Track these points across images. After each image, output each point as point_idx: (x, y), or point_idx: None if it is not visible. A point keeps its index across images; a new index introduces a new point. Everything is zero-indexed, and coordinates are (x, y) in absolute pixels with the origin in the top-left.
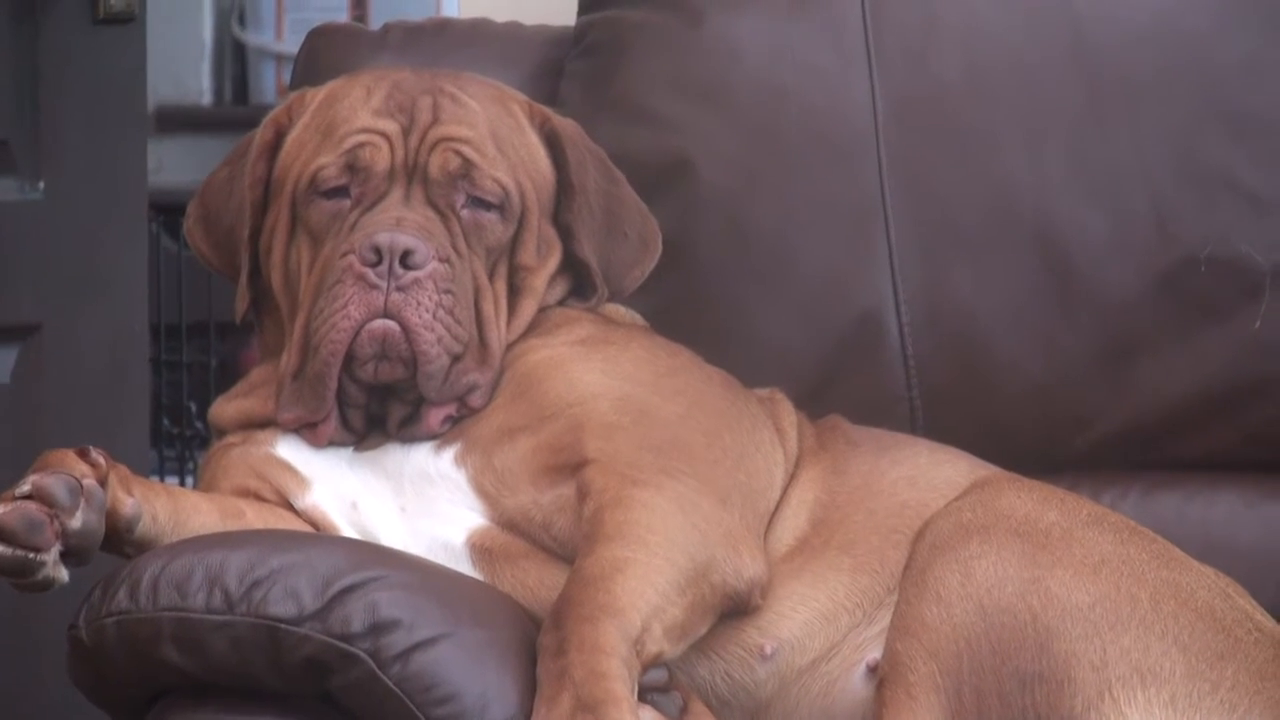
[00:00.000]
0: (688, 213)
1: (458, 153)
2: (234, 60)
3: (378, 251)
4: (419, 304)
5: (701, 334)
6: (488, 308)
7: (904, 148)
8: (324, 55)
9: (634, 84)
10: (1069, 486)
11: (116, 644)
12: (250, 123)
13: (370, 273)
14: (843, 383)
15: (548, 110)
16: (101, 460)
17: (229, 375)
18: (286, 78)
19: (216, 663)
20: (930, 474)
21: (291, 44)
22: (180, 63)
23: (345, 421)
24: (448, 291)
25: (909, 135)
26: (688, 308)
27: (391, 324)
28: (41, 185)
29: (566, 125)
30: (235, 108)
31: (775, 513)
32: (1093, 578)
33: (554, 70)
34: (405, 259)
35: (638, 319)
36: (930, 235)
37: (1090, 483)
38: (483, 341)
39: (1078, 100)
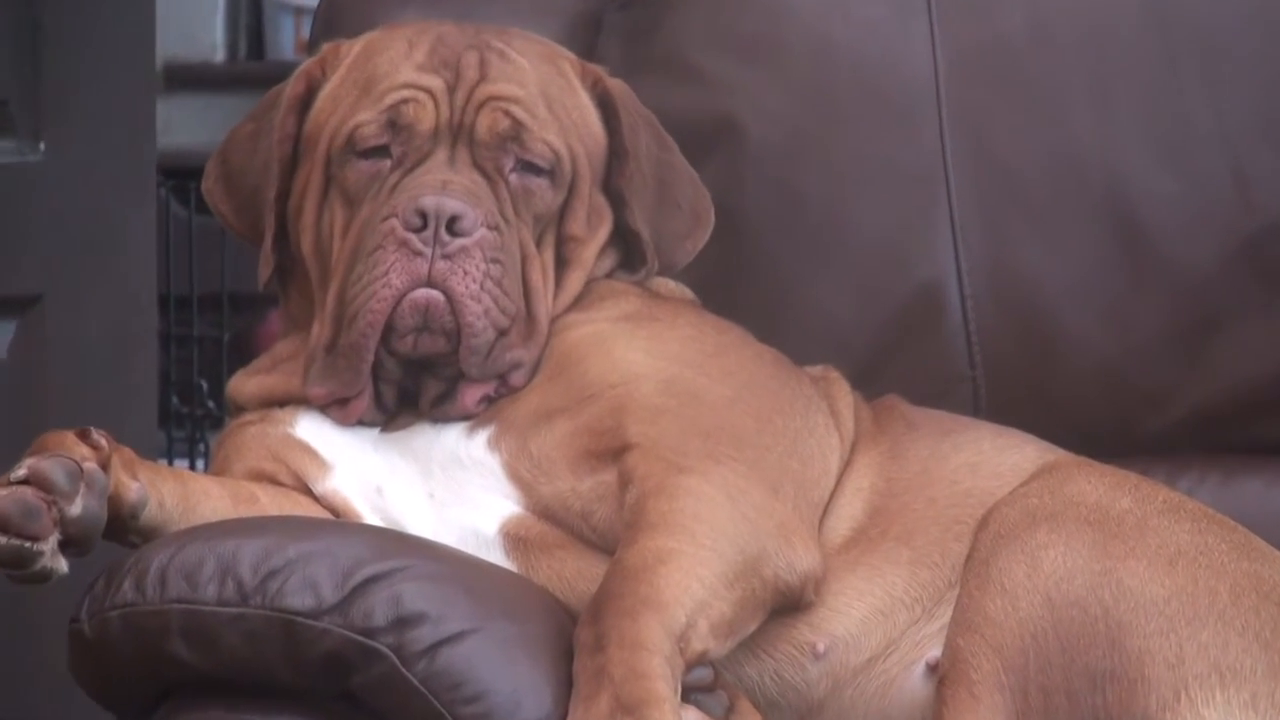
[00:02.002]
0: (734, 177)
1: (507, 113)
2: (249, 13)
3: (423, 216)
4: (466, 273)
5: (750, 308)
6: (536, 279)
7: (966, 104)
8: (346, 9)
9: (677, 38)
10: (1142, 471)
11: (121, 638)
12: (266, 80)
13: (414, 238)
14: (901, 360)
15: (600, 70)
16: (104, 442)
17: (243, 350)
18: (306, 32)
19: (229, 658)
20: (994, 459)
21: None
22: (191, 16)
23: (378, 398)
24: (496, 261)
25: (971, 91)
26: (734, 280)
27: (436, 294)
28: (42, 146)
29: (618, 87)
30: (250, 64)
31: (830, 500)
32: (1168, 569)
33: (591, 24)
34: (452, 225)
35: (687, 293)
36: (994, 200)
37: (1165, 467)
38: (530, 315)
39: (1152, 53)
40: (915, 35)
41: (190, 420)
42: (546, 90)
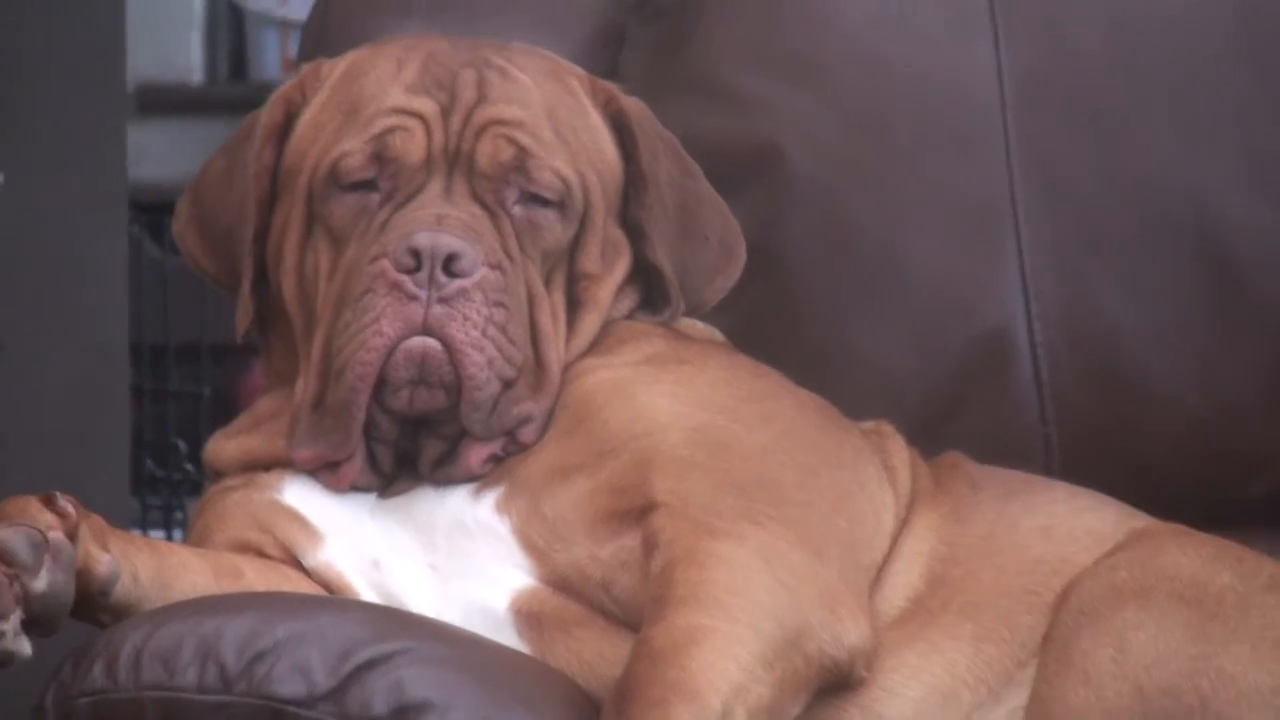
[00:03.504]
0: (774, 210)
1: (509, 139)
2: (230, 30)
3: (416, 255)
4: (466, 318)
5: (793, 355)
6: (545, 322)
7: (1035, 130)
8: (338, 23)
9: (709, 54)
10: (1242, 542)
11: None
12: (249, 103)
13: (407, 280)
14: (964, 414)
15: (613, 88)
16: (71, 510)
17: (225, 407)
18: (293, 50)
19: None
20: (1070, 523)
21: (299, 9)
22: (166, 32)
23: (372, 461)
24: (499, 304)
25: (1041, 115)
26: (774, 325)
27: (432, 342)
28: (0, 178)
29: (634, 106)
30: (232, 86)
31: (883, 567)
32: (1274, 654)
33: (613, 38)
34: (449, 265)
35: (716, 335)
36: (1067, 236)
37: (1267, 538)
38: (539, 363)
39: (1244, 75)
40: (979, 53)
41: (166, 485)
42: (553, 111)
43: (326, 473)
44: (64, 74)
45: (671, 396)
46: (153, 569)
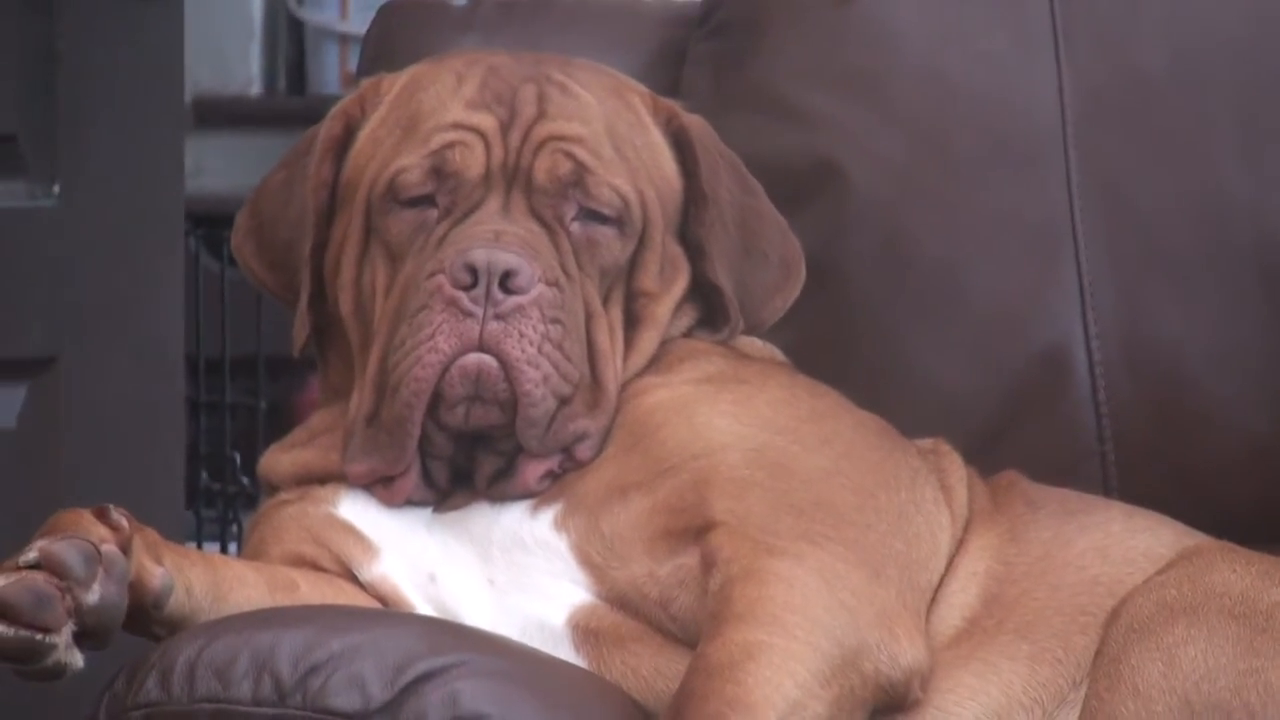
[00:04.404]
0: (835, 228)
1: (568, 154)
2: (289, 42)
3: (473, 271)
4: (521, 335)
5: (851, 373)
6: (602, 340)
7: (1097, 148)
8: (398, 36)
9: (772, 72)
10: None
11: None
12: (308, 117)
13: (464, 297)
14: (1021, 434)
15: (674, 105)
16: (124, 522)
17: (281, 421)
18: (352, 63)
19: None
20: (1125, 543)
21: (358, 22)
22: (225, 44)
23: (427, 476)
24: (556, 321)
25: (1103, 133)
26: (833, 343)
27: (488, 359)
28: (56, 189)
29: (696, 123)
30: (290, 99)
31: (939, 587)
32: None
33: (675, 55)
34: (506, 281)
35: (776, 354)
36: (1128, 256)
37: None
38: (595, 381)
39: None
40: (1041, 71)
41: (221, 498)
42: (613, 128)
43: (381, 487)
44: (121, 85)
45: (730, 416)
46: (207, 582)
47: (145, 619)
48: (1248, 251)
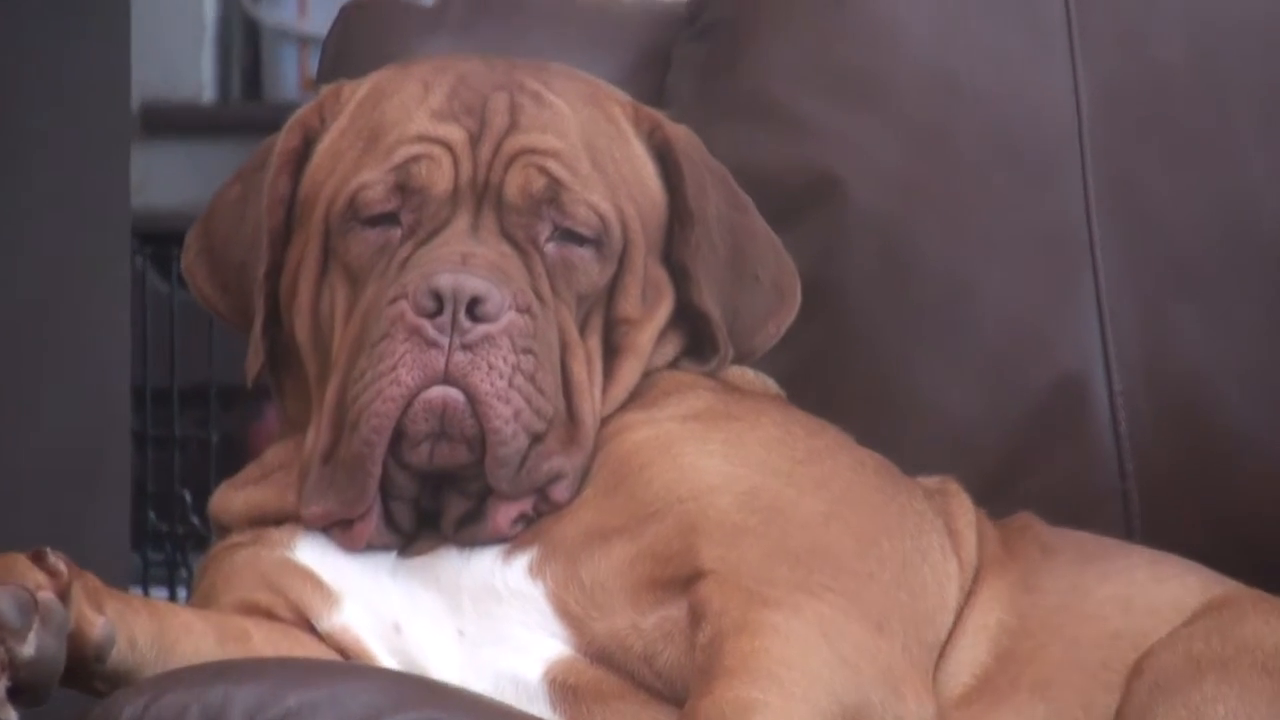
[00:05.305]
0: (833, 243)
1: (542, 169)
2: (244, 44)
3: (438, 297)
4: (491, 367)
5: (850, 404)
6: (579, 371)
7: (1115, 153)
8: (362, 38)
9: (763, 76)
10: None
11: None
12: (264, 126)
13: (428, 325)
14: (1035, 470)
15: (658, 114)
16: (63, 567)
17: (234, 456)
18: (313, 67)
19: None
20: (1149, 592)
21: (319, 23)
22: (174, 46)
23: (389, 519)
24: (528, 351)
25: (1121, 137)
26: (833, 367)
27: (454, 392)
28: None
29: (681, 135)
30: (245, 105)
31: (948, 641)
32: None
33: (659, 58)
34: (474, 308)
35: (770, 385)
36: (1149, 271)
37: None
38: (571, 416)
39: None
40: (1054, 68)
41: (170, 540)
42: (591, 140)
43: (339, 531)
44: (62, 90)
45: (720, 456)
46: (152, 632)
47: (86, 672)
48: (1278, 262)
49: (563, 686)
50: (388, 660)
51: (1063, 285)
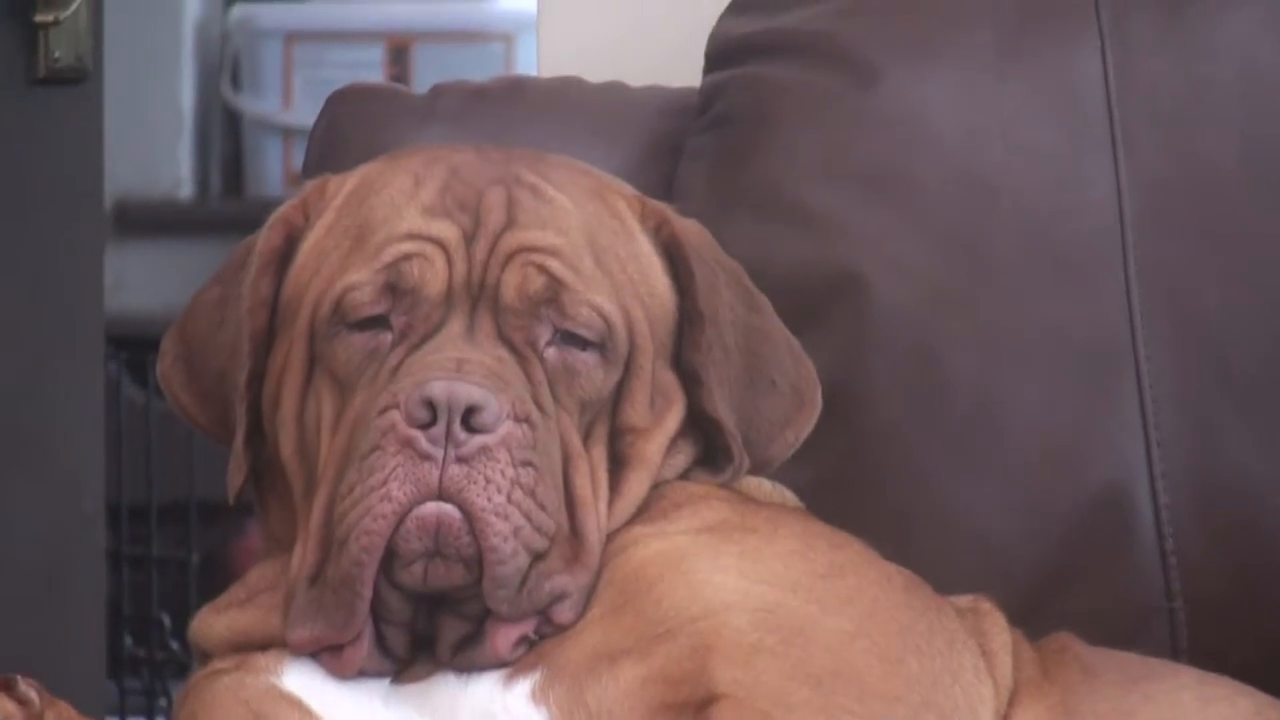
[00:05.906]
0: (856, 348)
1: (541, 268)
2: (225, 136)
3: (431, 407)
4: (488, 481)
5: (876, 516)
6: (582, 484)
7: (1161, 257)
8: (350, 129)
9: (780, 168)
10: None
11: None
12: (246, 223)
13: (421, 437)
14: (1075, 587)
15: (665, 209)
16: (34, 695)
17: (215, 576)
18: (297, 161)
19: None
20: (1198, 716)
21: (304, 113)
22: (151, 139)
23: (381, 643)
24: (527, 463)
25: (1169, 243)
26: (856, 480)
27: (449, 509)
28: None
29: (691, 230)
30: (226, 202)
31: None
32: None
33: (670, 149)
34: (469, 418)
35: (788, 497)
36: (1197, 381)
37: None
38: (575, 532)
39: None
40: (1095, 168)
41: (148, 666)
42: (594, 237)
43: (329, 657)
44: (30, 187)
45: (735, 571)
46: None
47: None
48: None
49: None
50: None
51: (1104, 394)
